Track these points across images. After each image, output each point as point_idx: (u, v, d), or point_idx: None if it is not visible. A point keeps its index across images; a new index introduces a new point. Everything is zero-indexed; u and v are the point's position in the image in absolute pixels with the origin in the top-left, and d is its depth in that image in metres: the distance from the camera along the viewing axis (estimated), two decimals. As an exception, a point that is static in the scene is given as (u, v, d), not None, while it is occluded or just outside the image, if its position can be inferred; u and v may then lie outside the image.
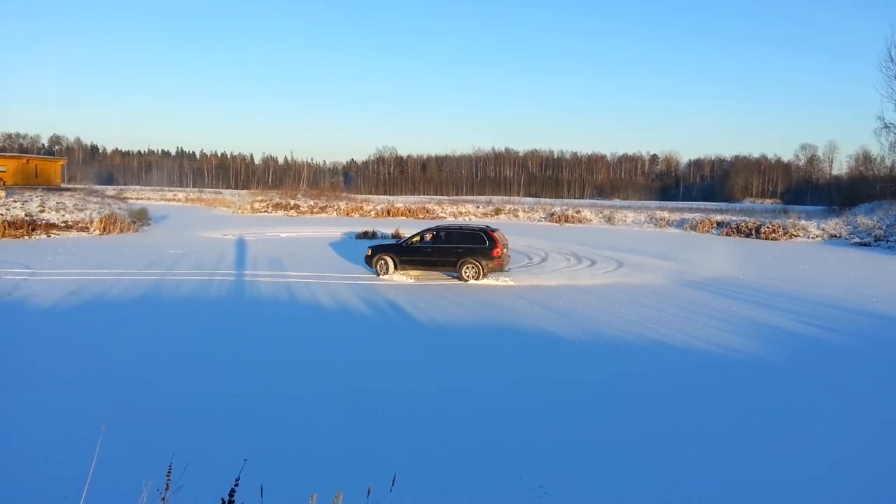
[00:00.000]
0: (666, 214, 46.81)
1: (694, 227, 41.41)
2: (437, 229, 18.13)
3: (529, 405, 7.44)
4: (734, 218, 41.47)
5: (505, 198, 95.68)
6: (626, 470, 5.72)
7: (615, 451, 6.12)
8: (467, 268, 17.11)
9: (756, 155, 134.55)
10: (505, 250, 17.79)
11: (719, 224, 40.33)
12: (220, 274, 17.43)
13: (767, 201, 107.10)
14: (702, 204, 78.89)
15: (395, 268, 17.72)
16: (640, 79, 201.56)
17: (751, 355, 9.92)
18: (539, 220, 49.07)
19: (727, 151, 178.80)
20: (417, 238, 18.05)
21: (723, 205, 74.82)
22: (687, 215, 46.00)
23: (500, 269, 17.50)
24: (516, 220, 50.05)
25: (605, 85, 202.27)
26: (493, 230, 17.81)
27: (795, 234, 35.85)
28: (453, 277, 17.51)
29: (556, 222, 47.45)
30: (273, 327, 11.38)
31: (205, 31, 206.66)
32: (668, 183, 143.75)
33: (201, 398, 7.41)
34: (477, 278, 17.02)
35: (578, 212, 49.69)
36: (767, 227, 36.45)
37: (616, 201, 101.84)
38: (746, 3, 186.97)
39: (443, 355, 9.73)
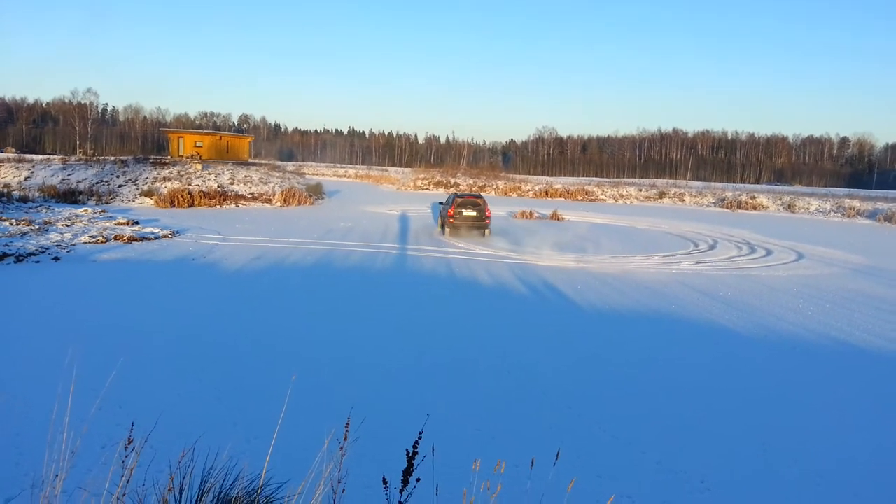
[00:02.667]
0: (856, 203, 41.87)
1: (889, 219, 36.61)
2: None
3: (695, 404, 7.11)
4: (942, 209, 36.29)
5: (671, 181, 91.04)
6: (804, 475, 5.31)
7: (789, 455, 5.69)
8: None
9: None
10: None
11: (923, 216, 35.47)
12: (385, 247, 18.36)
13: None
14: (901, 193, 69.73)
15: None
16: (825, 54, 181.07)
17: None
18: (708, 206, 46.04)
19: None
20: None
21: (927, 194, 65.59)
22: (881, 205, 40.81)
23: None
24: (682, 204, 47.39)
25: (785, 61, 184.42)
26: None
27: None
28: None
29: (728, 208, 44.18)
30: (439, 301, 11.82)
31: (376, 19, 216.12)
32: (860, 169, 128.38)
33: (380, 365, 7.90)
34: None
35: (753, 197, 45.87)
36: None
37: (798, 187, 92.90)
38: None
39: (600, 341, 9.53)
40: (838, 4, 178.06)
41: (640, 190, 52.15)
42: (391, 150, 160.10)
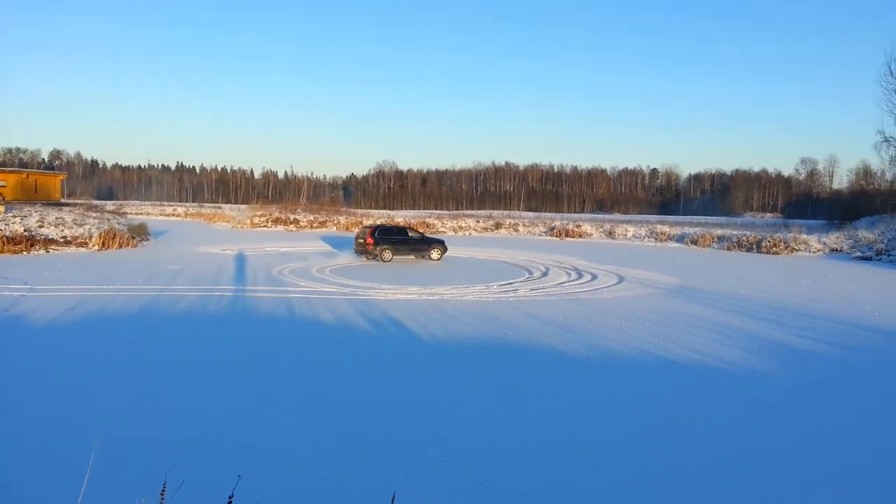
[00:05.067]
0: (666, 229, 46.70)
1: (695, 242, 41.30)
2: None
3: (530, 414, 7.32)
4: (735, 232, 41.40)
5: (505, 212, 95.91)
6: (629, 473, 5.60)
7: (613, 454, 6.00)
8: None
9: (756, 169, 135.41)
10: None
11: (720, 238, 40.24)
12: (219, 290, 17.34)
13: (768, 215, 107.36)
14: (702, 218, 78.66)
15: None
16: (639, 92, 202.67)
17: (753, 370, 9.80)
18: (540, 235, 49.02)
19: (727, 165, 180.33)
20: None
21: (723, 219, 74.57)
22: (688, 229, 45.90)
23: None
24: (517, 234, 50.03)
25: (604, 99, 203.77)
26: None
27: (797, 248, 35.78)
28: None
29: (557, 237, 47.37)
30: (273, 344, 11.28)
31: (204, 45, 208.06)
32: (669, 197, 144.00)
33: (197, 415, 7.29)
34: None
35: (579, 226, 49.60)
36: (768, 242, 36.38)
37: (616, 215, 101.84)
38: (745, 16, 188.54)
39: (444, 374, 9.59)
40: (645, 44, 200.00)
41: (478, 221, 54.34)
42: (225, 187, 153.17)
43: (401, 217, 57.67)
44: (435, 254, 27.36)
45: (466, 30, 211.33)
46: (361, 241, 26.67)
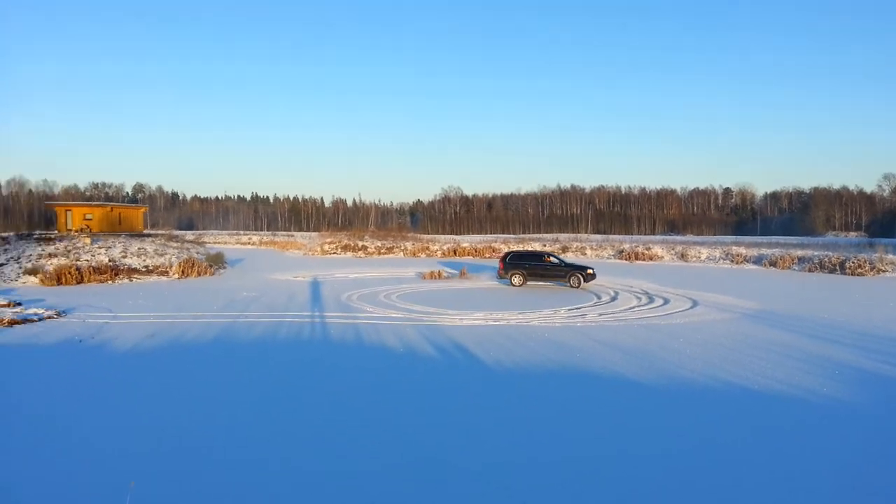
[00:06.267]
0: (742, 250, 44.90)
1: (773, 263, 39.48)
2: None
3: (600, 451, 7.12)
4: (816, 253, 39.35)
5: (572, 235, 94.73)
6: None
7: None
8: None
9: (837, 186, 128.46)
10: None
11: (800, 259, 38.34)
12: (290, 316, 17.79)
13: (851, 234, 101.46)
14: (781, 238, 75.39)
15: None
16: (708, 110, 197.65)
17: (839, 401, 9.23)
18: (608, 258, 48.05)
19: (805, 183, 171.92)
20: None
21: (804, 239, 71.25)
22: (765, 251, 44.01)
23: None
24: (584, 257, 49.23)
25: (673, 118, 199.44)
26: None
27: (883, 269, 33.69)
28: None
29: (626, 259, 46.28)
30: (339, 369, 11.46)
31: (278, 78, 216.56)
32: (744, 217, 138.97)
33: (254, 446, 7.46)
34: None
35: (649, 248, 48.33)
36: (853, 263, 34.37)
37: (689, 237, 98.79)
38: (821, 28, 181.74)
39: (514, 400, 9.49)
40: (718, 62, 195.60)
41: (545, 245, 53.82)
42: (297, 215, 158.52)
43: (467, 241, 57.80)
44: (574, 280, 25.97)
45: (531, 55, 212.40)
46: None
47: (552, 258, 27.51)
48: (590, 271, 26.35)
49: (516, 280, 26.69)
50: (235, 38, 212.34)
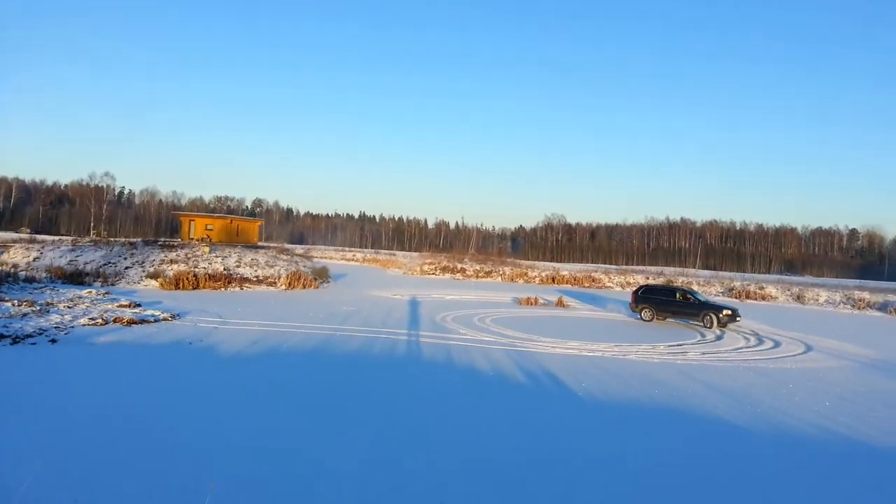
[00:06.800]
0: (866, 295, 41.40)
1: (901, 311, 36.19)
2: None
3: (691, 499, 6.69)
4: (955, 302, 35.76)
5: (679, 269, 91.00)
6: None
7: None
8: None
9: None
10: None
11: (935, 308, 34.94)
12: (385, 332, 18.12)
13: None
14: (912, 284, 69.00)
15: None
16: (831, 146, 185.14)
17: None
18: (716, 295, 45.67)
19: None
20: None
21: (939, 286, 64.81)
22: (892, 297, 40.36)
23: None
24: (690, 293, 47.05)
25: (793, 153, 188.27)
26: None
27: None
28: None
29: (736, 298, 43.73)
30: (431, 392, 11.50)
31: (385, 106, 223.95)
32: (871, 260, 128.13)
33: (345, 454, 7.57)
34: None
35: (762, 287, 45.53)
36: None
37: (807, 278, 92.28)
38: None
39: (600, 436, 9.15)
40: (838, 101, 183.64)
41: (648, 278, 52.01)
42: (401, 235, 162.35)
43: (567, 269, 56.88)
44: (708, 321, 23.67)
45: (641, 88, 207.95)
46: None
47: (689, 295, 25.51)
48: (727, 312, 23.72)
49: (646, 315, 25.80)
50: (374, 74, 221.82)
